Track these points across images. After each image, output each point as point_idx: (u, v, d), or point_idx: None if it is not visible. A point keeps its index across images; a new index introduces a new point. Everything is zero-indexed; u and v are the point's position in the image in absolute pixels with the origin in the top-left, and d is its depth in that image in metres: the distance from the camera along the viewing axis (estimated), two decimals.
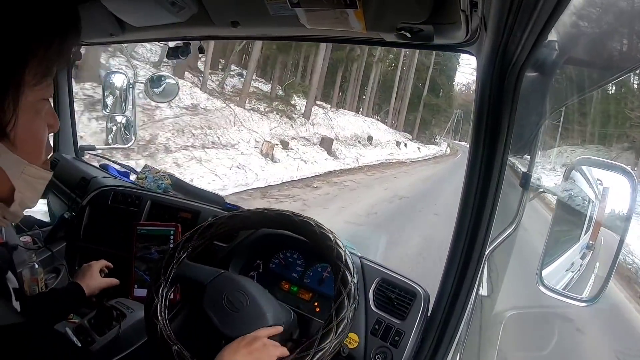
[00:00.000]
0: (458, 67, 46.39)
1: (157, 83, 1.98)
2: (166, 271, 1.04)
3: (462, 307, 1.03)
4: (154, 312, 0.98)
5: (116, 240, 1.57)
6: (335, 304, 0.94)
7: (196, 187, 1.97)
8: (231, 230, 1.14)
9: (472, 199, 0.98)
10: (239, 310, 0.98)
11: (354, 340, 1.11)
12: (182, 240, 1.09)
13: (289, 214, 1.08)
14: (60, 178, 1.92)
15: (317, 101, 21.20)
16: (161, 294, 1.01)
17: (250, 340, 0.90)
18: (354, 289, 0.95)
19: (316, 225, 1.04)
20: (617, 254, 0.92)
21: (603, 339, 3.91)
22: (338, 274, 0.97)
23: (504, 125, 0.91)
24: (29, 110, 0.55)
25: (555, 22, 0.64)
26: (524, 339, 2.92)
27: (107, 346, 1.18)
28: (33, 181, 0.59)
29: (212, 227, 1.11)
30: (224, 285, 1.02)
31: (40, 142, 0.60)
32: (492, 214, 0.97)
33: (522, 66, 0.83)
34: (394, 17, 0.92)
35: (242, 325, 0.95)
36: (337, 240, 1.02)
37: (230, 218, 1.12)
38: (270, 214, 1.09)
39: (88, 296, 1.21)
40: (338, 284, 0.96)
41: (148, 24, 1.25)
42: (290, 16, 0.98)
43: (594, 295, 0.96)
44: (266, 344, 0.91)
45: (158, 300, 1.00)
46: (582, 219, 1.12)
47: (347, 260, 0.98)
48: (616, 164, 0.91)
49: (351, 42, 1.29)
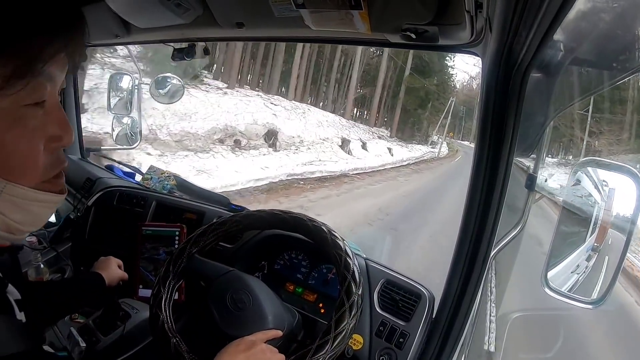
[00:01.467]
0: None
1: (163, 84, 1.98)
2: (176, 264, 1.04)
3: (467, 308, 1.02)
4: (159, 303, 0.99)
5: (121, 240, 1.58)
6: (337, 314, 0.93)
7: (201, 188, 1.98)
8: (244, 229, 1.14)
9: (478, 200, 0.97)
10: (241, 310, 0.97)
11: (359, 342, 1.11)
12: (195, 235, 1.09)
13: (304, 218, 1.07)
14: (65, 179, 1.92)
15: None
16: (168, 286, 1.01)
17: (248, 344, 0.88)
18: (357, 302, 0.95)
19: (328, 232, 1.04)
20: (622, 255, 0.91)
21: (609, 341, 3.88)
22: (343, 285, 0.96)
23: (509, 126, 0.90)
24: (6, 120, 0.46)
25: (561, 22, 0.63)
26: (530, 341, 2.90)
27: (111, 346, 1.19)
28: (21, 202, 0.51)
29: (226, 225, 1.11)
30: (230, 283, 1.02)
31: (28, 157, 0.50)
32: (497, 216, 0.97)
33: (527, 67, 0.83)
34: (398, 18, 0.92)
35: (242, 326, 0.95)
36: (347, 249, 1.01)
37: (245, 217, 1.12)
38: (286, 217, 1.08)
39: (108, 286, 1.20)
40: (342, 294, 0.96)
41: (153, 25, 1.25)
42: (295, 17, 0.99)
43: (600, 297, 0.95)
44: (264, 350, 0.89)
45: (164, 293, 1.00)
46: (587, 221, 1.12)
47: (355, 272, 0.98)
48: (622, 165, 0.90)
49: (356, 43, 1.29)
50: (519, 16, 0.67)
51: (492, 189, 0.95)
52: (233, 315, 0.97)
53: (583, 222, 1.13)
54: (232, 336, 0.92)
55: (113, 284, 1.23)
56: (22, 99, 0.47)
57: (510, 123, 0.90)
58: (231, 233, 1.12)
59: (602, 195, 1.03)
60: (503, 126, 0.91)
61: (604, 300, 0.93)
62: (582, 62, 1.09)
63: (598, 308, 0.95)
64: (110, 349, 1.18)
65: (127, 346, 1.20)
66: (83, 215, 1.70)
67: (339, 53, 25.81)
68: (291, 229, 1.09)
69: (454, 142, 44.51)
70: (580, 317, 3.58)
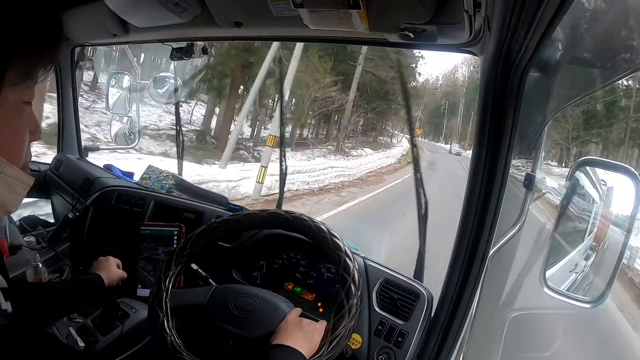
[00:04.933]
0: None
1: (161, 84, 1.98)
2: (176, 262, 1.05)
3: (466, 307, 1.02)
4: (158, 301, 0.98)
5: (120, 240, 1.57)
6: (335, 316, 0.94)
7: (200, 187, 1.98)
8: (246, 228, 1.15)
9: (476, 200, 0.97)
10: (252, 312, 0.98)
11: (357, 341, 1.11)
12: (196, 233, 1.09)
13: (306, 219, 1.07)
14: (64, 178, 1.93)
15: None
16: (167, 284, 1.01)
17: (295, 322, 0.95)
18: (356, 304, 0.95)
19: (329, 233, 1.04)
20: (621, 255, 0.92)
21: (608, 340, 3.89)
22: (343, 287, 0.97)
23: (507, 125, 0.90)
24: (10, 110, 0.56)
25: (559, 22, 0.63)
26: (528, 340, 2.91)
27: (110, 346, 1.18)
28: (13, 183, 0.58)
29: (228, 224, 1.11)
30: (223, 296, 1.02)
31: (21, 144, 0.60)
32: (495, 215, 0.97)
33: (525, 66, 0.83)
34: (397, 17, 0.92)
35: (263, 323, 0.96)
36: (348, 250, 1.02)
37: (247, 217, 1.12)
38: (288, 217, 1.09)
39: (107, 287, 1.21)
40: (341, 297, 0.96)
41: (152, 24, 1.25)
42: (294, 17, 0.99)
43: (598, 296, 0.95)
44: (309, 322, 0.96)
45: (163, 291, 1.00)
46: (585, 220, 1.12)
47: (355, 275, 0.98)
48: (620, 164, 0.90)
49: (354, 43, 1.29)
50: (518, 15, 0.67)
51: (490, 188, 0.95)
52: (248, 319, 0.97)
53: (581, 221, 1.14)
54: (258, 337, 0.93)
55: (113, 284, 1.23)
56: (22, 96, 0.57)
57: (509, 122, 0.90)
58: (232, 232, 1.12)
59: (600, 194, 1.03)
60: (501, 125, 0.91)
61: (602, 299, 0.93)
62: (581, 62, 1.09)
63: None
64: (109, 349, 1.18)
65: (126, 346, 1.20)
66: (81, 215, 1.70)
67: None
68: (293, 229, 1.09)
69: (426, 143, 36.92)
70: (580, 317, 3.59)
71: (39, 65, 0.57)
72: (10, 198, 0.59)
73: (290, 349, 0.88)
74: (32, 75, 0.57)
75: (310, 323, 0.95)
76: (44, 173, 2.08)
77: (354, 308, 0.95)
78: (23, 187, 0.60)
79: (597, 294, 0.96)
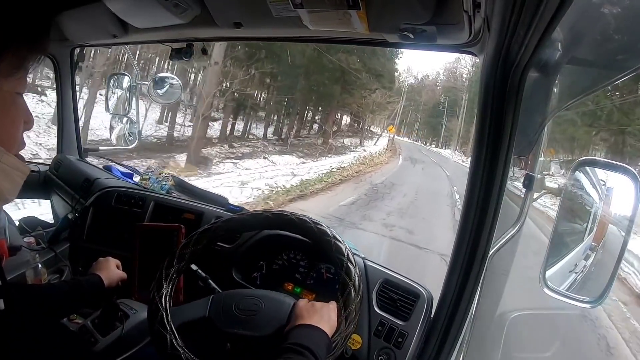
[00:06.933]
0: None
1: (161, 84, 1.98)
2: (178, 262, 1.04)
3: (466, 308, 1.02)
4: (158, 301, 0.98)
5: (119, 241, 1.57)
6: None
7: (199, 188, 1.97)
8: (250, 228, 1.14)
9: (476, 200, 0.97)
10: (257, 312, 0.97)
11: (357, 342, 1.11)
12: (199, 232, 1.08)
13: (309, 221, 1.07)
14: (63, 179, 1.93)
15: None
16: (167, 284, 1.01)
17: (308, 306, 0.95)
18: (356, 308, 0.95)
19: (332, 236, 1.04)
20: (620, 255, 0.91)
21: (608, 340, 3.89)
22: (344, 291, 0.97)
23: (507, 125, 0.90)
24: (6, 100, 0.59)
25: (559, 21, 0.63)
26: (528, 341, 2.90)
27: (110, 347, 1.18)
28: (12, 172, 0.60)
29: (231, 222, 1.10)
30: (224, 303, 1.01)
31: (15, 132, 0.62)
32: (495, 215, 0.96)
33: (525, 66, 0.83)
34: (396, 18, 0.92)
35: (272, 320, 0.96)
36: (349, 253, 1.02)
37: (253, 216, 1.11)
38: (293, 218, 1.08)
39: (107, 288, 1.20)
40: (341, 301, 0.96)
41: (151, 25, 1.25)
42: (293, 17, 0.99)
43: (598, 296, 0.95)
44: (323, 304, 0.96)
45: (164, 290, 1.00)
46: (585, 220, 1.12)
47: (356, 280, 0.98)
48: (619, 164, 0.90)
49: (354, 43, 1.29)
50: (517, 15, 0.67)
51: (490, 189, 0.95)
52: (255, 320, 0.96)
53: (581, 221, 1.13)
54: (271, 334, 0.93)
55: (112, 285, 1.22)
56: (16, 86, 0.59)
57: (509, 122, 0.90)
58: (235, 232, 1.11)
59: (600, 194, 1.03)
60: (501, 125, 0.91)
61: (602, 299, 0.93)
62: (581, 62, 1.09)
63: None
64: (109, 350, 1.18)
65: (126, 347, 1.20)
66: (81, 215, 1.69)
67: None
68: (296, 230, 1.08)
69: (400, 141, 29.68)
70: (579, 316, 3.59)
71: (30, 56, 0.60)
72: (9, 187, 0.60)
73: (312, 327, 0.89)
74: (24, 66, 0.59)
75: (323, 305, 0.96)
76: (43, 174, 2.08)
77: (353, 313, 0.95)
78: (20, 176, 0.62)
79: (597, 294, 0.96)
